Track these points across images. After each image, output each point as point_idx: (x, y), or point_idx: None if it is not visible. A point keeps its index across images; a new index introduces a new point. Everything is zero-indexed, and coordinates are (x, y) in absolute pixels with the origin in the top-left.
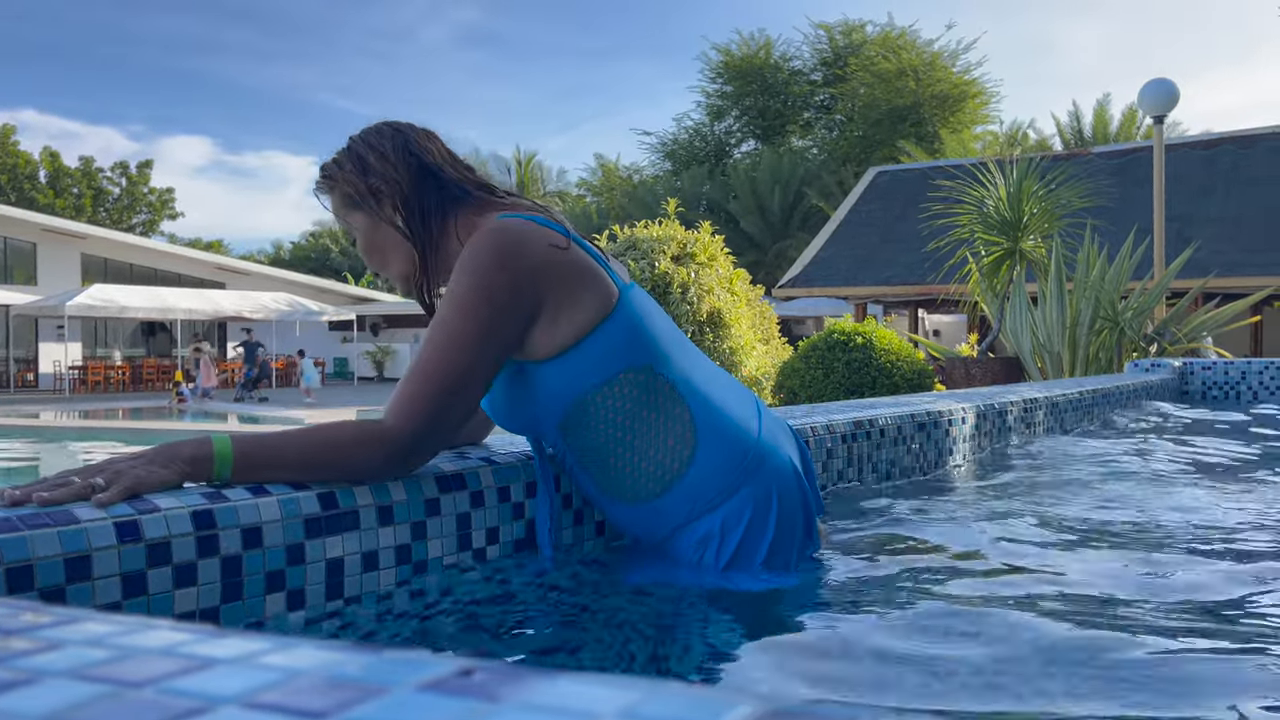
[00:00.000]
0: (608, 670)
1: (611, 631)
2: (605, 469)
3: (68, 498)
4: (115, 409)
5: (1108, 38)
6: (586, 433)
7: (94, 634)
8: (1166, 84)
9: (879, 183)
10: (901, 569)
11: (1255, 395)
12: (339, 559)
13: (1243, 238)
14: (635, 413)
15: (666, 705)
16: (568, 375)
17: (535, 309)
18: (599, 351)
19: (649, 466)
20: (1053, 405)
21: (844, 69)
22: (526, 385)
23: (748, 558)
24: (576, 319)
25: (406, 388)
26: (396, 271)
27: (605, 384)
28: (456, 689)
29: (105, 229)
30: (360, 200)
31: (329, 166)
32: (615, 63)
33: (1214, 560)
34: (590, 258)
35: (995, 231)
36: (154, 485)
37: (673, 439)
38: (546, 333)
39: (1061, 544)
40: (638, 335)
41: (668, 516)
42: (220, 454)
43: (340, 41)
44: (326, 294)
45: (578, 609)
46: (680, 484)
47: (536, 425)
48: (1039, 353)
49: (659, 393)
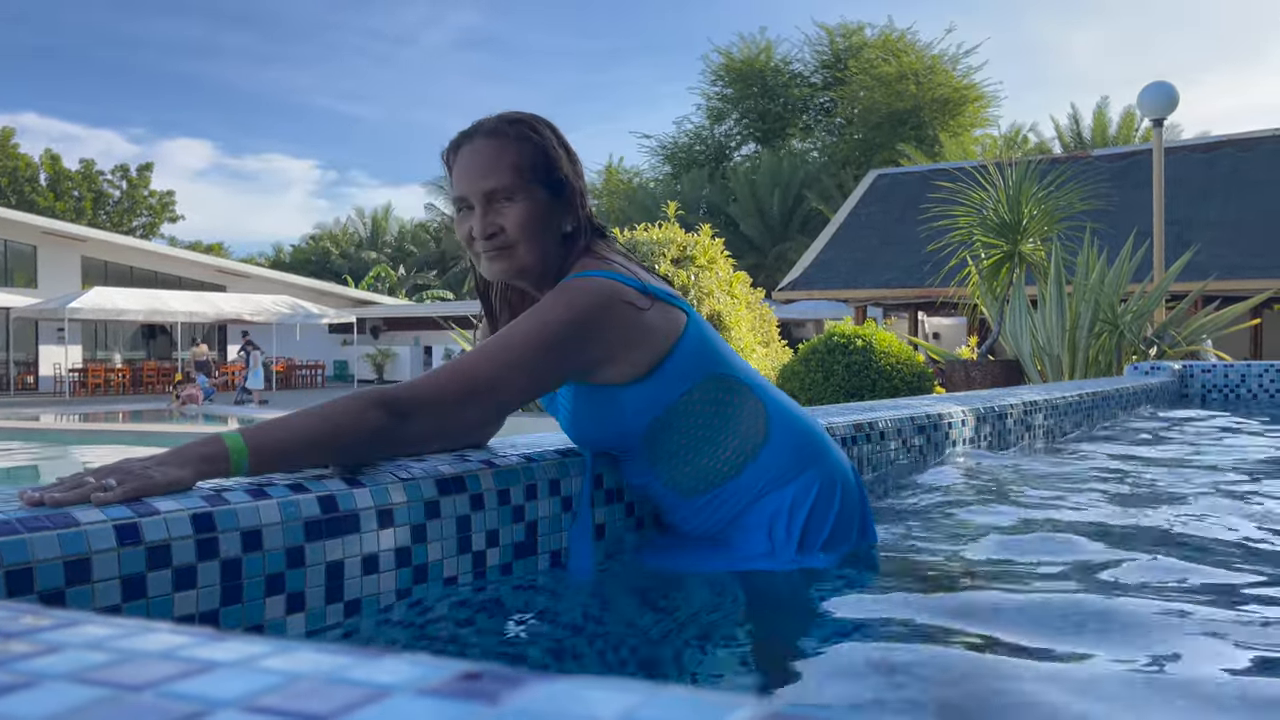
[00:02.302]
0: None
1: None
2: (685, 465)
3: (80, 498)
4: (115, 412)
5: (1108, 41)
6: (670, 438)
7: (94, 637)
8: (1166, 87)
9: (879, 186)
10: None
11: (1255, 398)
12: (339, 562)
13: (1242, 241)
14: (714, 412)
15: (666, 709)
16: (650, 394)
17: (598, 361)
18: (676, 370)
19: (726, 453)
20: (1052, 408)
21: (844, 72)
22: (611, 405)
23: (813, 537)
24: (652, 350)
25: (436, 371)
26: (516, 265)
27: (685, 394)
28: (457, 693)
29: (106, 232)
30: (549, 178)
31: (537, 123)
32: (615, 66)
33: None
34: (658, 297)
35: (995, 234)
36: (165, 486)
37: (747, 425)
38: (620, 368)
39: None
40: (705, 347)
41: (739, 495)
42: (234, 447)
43: (341, 44)
44: (327, 297)
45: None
46: (754, 462)
47: (622, 440)
48: (1039, 356)
49: (732, 390)
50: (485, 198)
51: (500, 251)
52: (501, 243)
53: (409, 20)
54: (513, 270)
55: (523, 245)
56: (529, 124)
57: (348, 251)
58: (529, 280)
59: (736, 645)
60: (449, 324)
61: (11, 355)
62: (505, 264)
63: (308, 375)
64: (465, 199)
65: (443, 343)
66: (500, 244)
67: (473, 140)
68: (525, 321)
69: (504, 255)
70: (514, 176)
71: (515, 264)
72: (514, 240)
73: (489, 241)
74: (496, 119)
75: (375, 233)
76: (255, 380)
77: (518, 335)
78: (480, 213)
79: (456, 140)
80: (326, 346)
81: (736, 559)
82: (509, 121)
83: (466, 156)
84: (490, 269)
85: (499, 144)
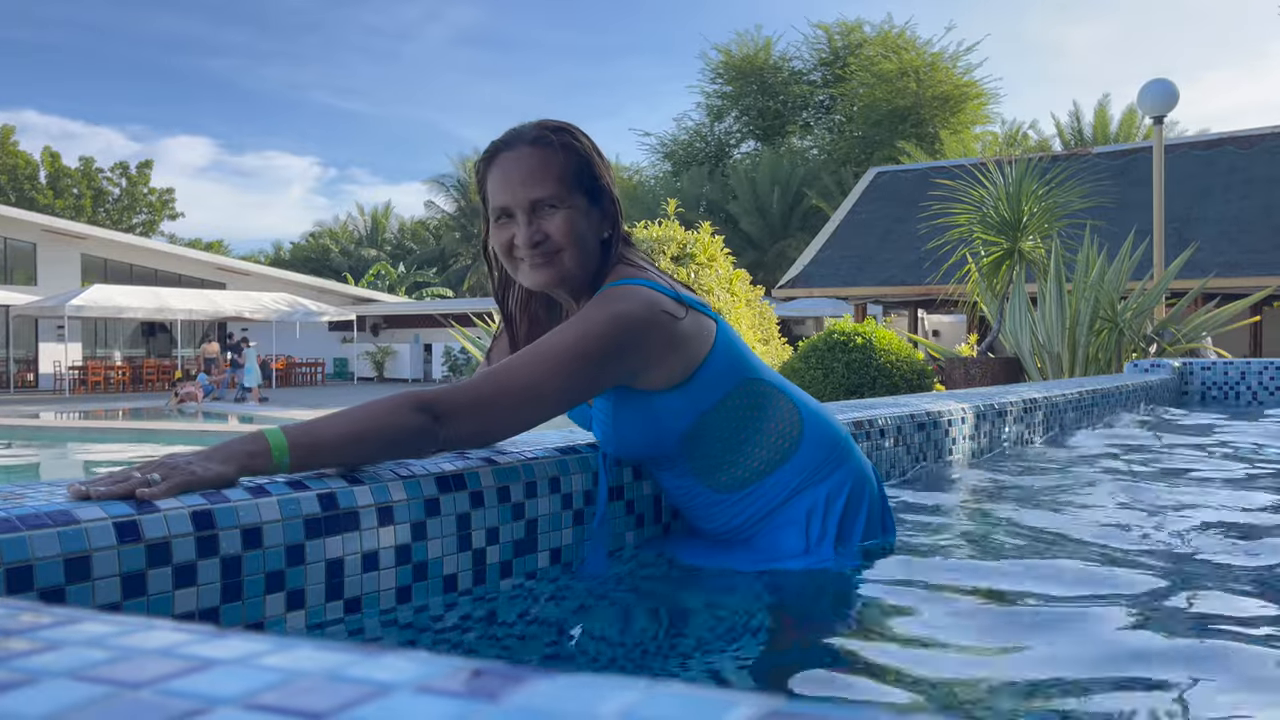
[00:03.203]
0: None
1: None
2: (722, 466)
3: (125, 492)
4: (115, 409)
5: (1109, 39)
6: (707, 442)
7: (93, 634)
8: (1166, 84)
9: (879, 183)
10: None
11: (1255, 396)
12: (339, 559)
13: (1242, 238)
14: (749, 415)
15: (666, 706)
16: (687, 400)
17: (636, 372)
18: (710, 377)
19: (762, 452)
20: (1052, 406)
21: (844, 69)
22: (650, 413)
23: (848, 533)
24: (688, 358)
25: (476, 376)
26: (560, 273)
27: (721, 401)
28: (457, 690)
29: (105, 229)
30: (590, 186)
31: (577, 131)
32: (615, 63)
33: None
34: (691, 306)
35: (995, 232)
36: (209, 481)
37: (781, 427)
38: (659, 376)
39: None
40: (735, 354)
41: (775, 492)
42: (276, 444)
43: (341, 41)
44: (327, 294)
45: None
46: (789, 462)
47: (660, 446)
48: (1038, 353)
49: (765, 395)
50: (531, 207)
51: (547, 259)
52: (547, 250)
53: (409, 16)
54: (556, 279)
55: (567, 253)
56: (570, 132)
57: (348, 249)
58: (568, 289)
59: (767, 640)
60: (449, 321)
61: (11, 353)
62: (550, 272)
63: (307, 373)
64: (507, 208)
65: (443, 340)
66: (546, 251)
67: (513, 149)
68: (567, 330)
69: (550, 263)
70: (559, 185)
71: (559, 272)
72: (559, 247)
73: (535, 249)
74: (536, 127)
75: (375, 230)
76: (251, 377)
77: (559, 343)
78: (525, 221)
79: (492, 150)
80: (326, 344)
81: (773, 556)
82: (551, 130)
83: (508, 165)
84: (533, 278)
85: (543, 153)
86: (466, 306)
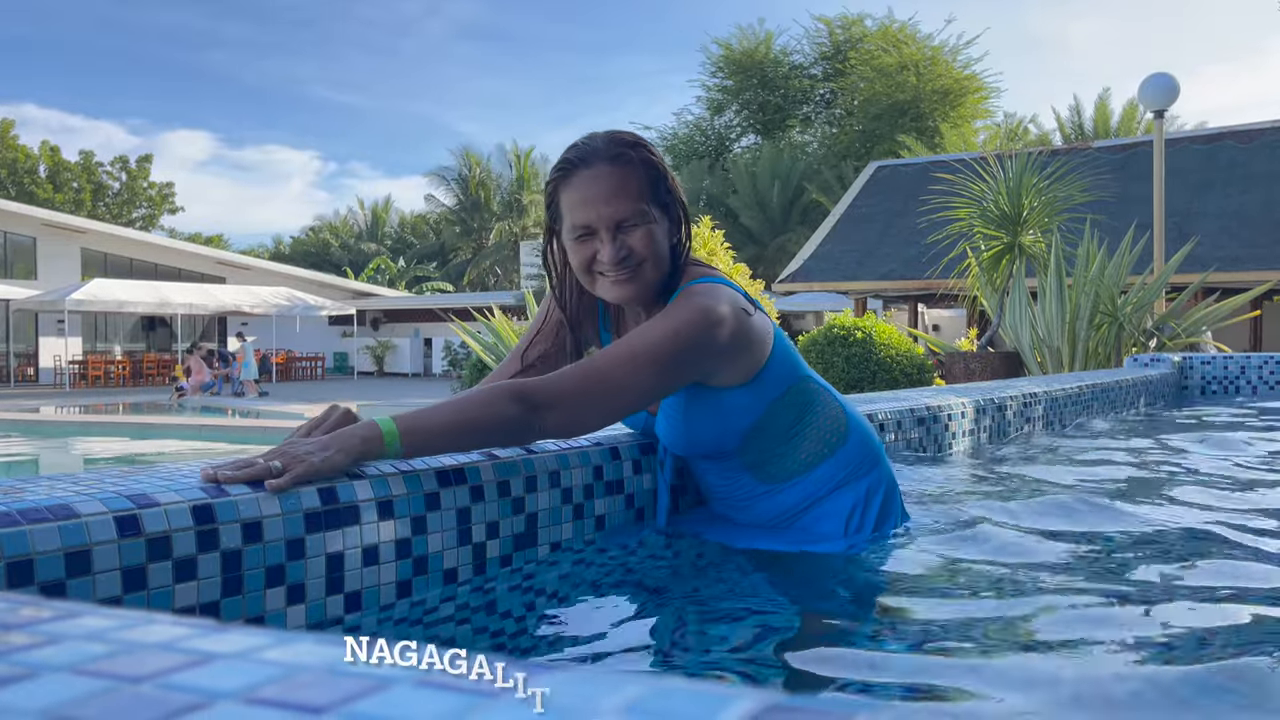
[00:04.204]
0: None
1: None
2: (772, 460)
3: (250, 478)
4: (115, 404)
5: (1110, 33)
6: (763, 437)
7: (93, 629)
8: (1167, 78)
9: (879, 177)
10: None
11: (1255, 390)
12: (339, 554)
13: (1243, 232)
14: (801, 412)
15: (668, 701)
16: (752, 397)
17: (716, 367)
18: (773, 375)
19: (810, 445)
20: (1052, 400)
21: (844, 63)
22: (719, 408)
23: (884, 529)
24: (757, 355)
25: (572, 369)
26: (642, 286)
27: (780, 397)
28: (457, 684)
29: (105, 224)
30: (665, 198)
31: (649, 144)
32: (614, 56)
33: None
34: (756, 306)
35: (995, 226)
36: (328, 471)
37: (829, 425)
38: (733, 373)
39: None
40: (789, 354)
41: (819, 485)
42: (388, 431)
43: (340, 35)
44: (327, 289)
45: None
46: (833, 458)
47: (723, 441)
48: (1038, 348)
49: (815, 394)
50: (615, 226)
51: (631, 274)
52: (632, 265)
53: (408, 10)
54: (637, 292)
55: (649, 266)
56: (645, 146)
57: (348, 243)
58: (645, 300)
59: (800, 614)
60: (449, 316)
61: (11, 347)
62: (634, 287)
63: (308, 367)
64: (589, 227)
65: (443, 334)
66: (630, 266)
67: (591, 167)
68: (658, 327)
69: (633, 279)
70: (639, 202)
71: (641, 285)
72: (642, 260)
73: (620, 265)
74: (609, 143)
75: (375, 224)
76: (248, 371)
77: (653, 338)
78: (609, 239)
79: (568, 166)
80: (326, 338)
81: (811, 540)
82: (628, 145)
83: (588, 184)
84: (616, 293)
85: (623, 171)
86: (466, 301)
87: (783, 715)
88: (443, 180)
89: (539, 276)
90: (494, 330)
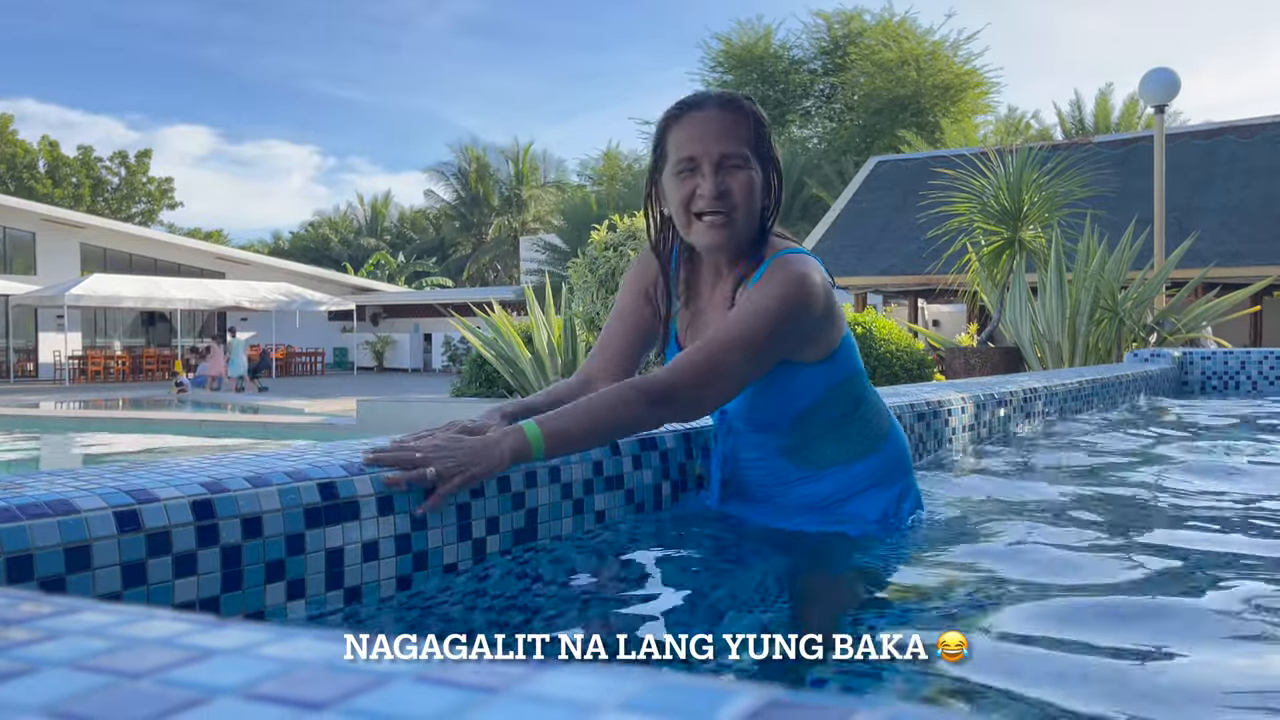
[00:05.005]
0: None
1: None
2: (815, 447)
3: (406, 480)
4: (115, 399)
5: (1111, 28)
6: (815, 420)
7: (93, 624)
8: (1167, 73)
9: (879, 172)
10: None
11: (1255, 385)
12: (339, 549)
13: (1243, 227)
14: (852, 405)
15: (667, 696)
16: (823, 374)
17: (810, 337)
18: (844, 356)
19: (855, 439)
20: (1052, 395)
21: (844, 58)
22: (787, 381)
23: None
24: (836, 331)
25: (687, 360)
26: (733, 233)
27: (843, 382)
28: (457, 680)
29: (104, 219)
30: (766, 155)
31: (758, 105)
32: (614, 51)
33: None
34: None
35: (995, 221)
36: (481, 478)
37: (874, 422)
38: (815, 346)
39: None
40: (854, 343)
41: (854, 481)
42: (533, 435)
43: (340, 30)
44: (326, 284)
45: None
46: (875, 454)
47: (776, 417)
48: (1039, 343)
49: (866, 391)
50: (719, 161)
51: (725, 218)
52: (728, 207)
53: (408, 5)
54: (728, 239)
55: (741, 213)
56: (753, 101)
57: (347, 238)
58: (729, 253)
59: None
60: (448, 311)
61: (11, 342)
62: (726, 233)
63: (307, 363)
64: (694, 159)
65: (443, 330)
66: (726, 208)
67: (704, 108)
68: (759, 303)
69: (727, 223)
70: (745, 146)
71: (733, 232)
72: (736, 206)
73: (718, 202)
74: (723, 93)
75: (375, 219)
76: (235, 367)
77: (756, 318)
78: (711, 173)
79: (680, 107)
80: (326, 334)
81: (840, 521)
82: (742, 98)
83: (698, 122)
84: (708, 237)
85: (734, 115)
86: (466, 296)
87: (783, 711)
88: (442, 175)
89: (538, 272)
90: (493, 325)
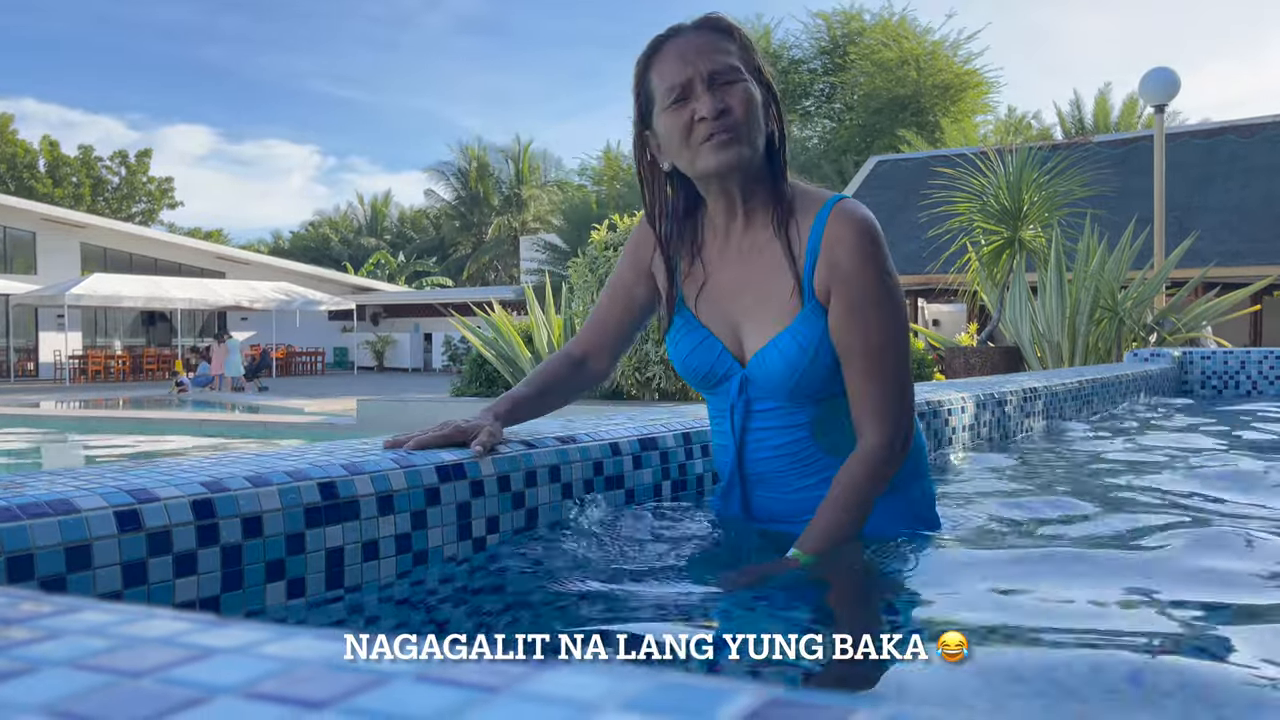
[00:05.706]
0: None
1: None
2: (838, 426)
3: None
4: (115, 398)
5: (1111, 28)
6: (839, 398)
7: (93, 623)
8: (1167, 73)
9: (879, 172)
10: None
11: (1255, 385)
12: (339, 548)
13: (1243, 227)
14: None
15: (667, 695)
16: None
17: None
18: None
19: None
20: (1052, 395)
21: (843, 58)
22: (819, 358)
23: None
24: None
25: (899, 402)
26: (741, 152)
27: None
28: (457, 679)
29: (105, 218)
30: (759, 75)
31: (739, 26)
32: (615, 51)
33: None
34: None
35: (995, 220)
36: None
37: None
38: None
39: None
40: None
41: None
42: (807, 565)
43: (340, 29)
44: (326, 283)
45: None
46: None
47: (818, 385)
48: (1038, 342)
49: None
50: (710, 78)
51: (730, 135)
52: (731, 123)
53: (408, 5)
54: (737, 158)
55: (745, 129)
56: (730, 19)
57: (347, 238)
58: (739, 178)
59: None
60: (449, 310)
61: (11, 342)
62: (735, 150)
63: (307, 362)
64: (686, 83)
65: (443, 329)
66: (729, 125)
67: (682, 34)
68: (877, 270)
69: (734, 140)
70: (735, 60)
71: (741, 151)
72: (741, 121)
73: (719, 121)
74: (698, 19)
75: (375, 219)
76: (231, 367)
77: (888, 296)
78: (705, 90)
79: (656, 42)
80: (326, 333)
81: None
82: (719, 18)
83: (679, 46)
84: (717, 157)
85: (715, 34)
86: (466, 296)
87: (783, 711)
88: (442, 175)
89: (538, 271)
90: (494, 325)
